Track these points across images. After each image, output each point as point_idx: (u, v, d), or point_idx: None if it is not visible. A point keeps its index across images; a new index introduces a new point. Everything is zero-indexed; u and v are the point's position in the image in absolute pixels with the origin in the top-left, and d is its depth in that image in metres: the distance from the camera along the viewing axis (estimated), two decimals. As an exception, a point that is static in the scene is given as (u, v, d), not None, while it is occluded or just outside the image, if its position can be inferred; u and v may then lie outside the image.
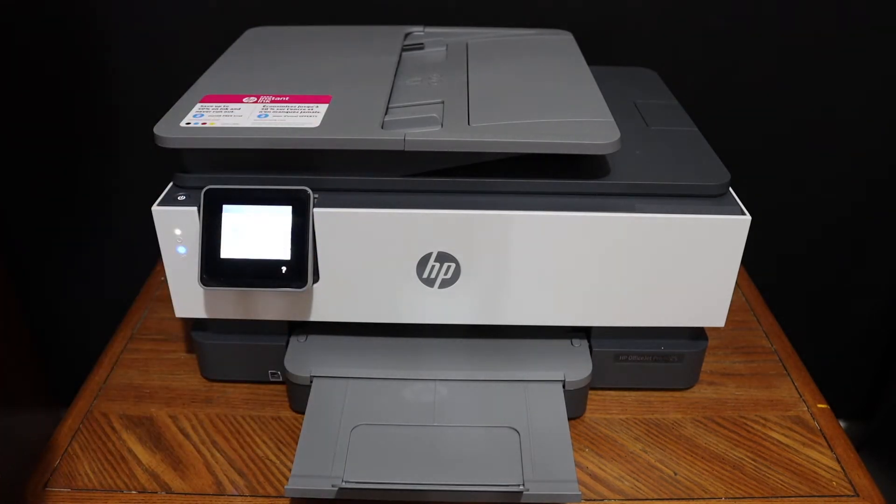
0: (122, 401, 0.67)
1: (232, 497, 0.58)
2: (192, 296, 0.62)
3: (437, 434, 0.59)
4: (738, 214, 0.58)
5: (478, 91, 0.64)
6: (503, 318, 0.62)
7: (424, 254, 0.59)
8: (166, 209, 0.58)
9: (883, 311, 1.19)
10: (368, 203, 0.57)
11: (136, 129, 1.02)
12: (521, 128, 0.57)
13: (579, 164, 0.59)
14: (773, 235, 1.09)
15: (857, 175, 1.06)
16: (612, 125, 0.57)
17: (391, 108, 0.61)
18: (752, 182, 0.96)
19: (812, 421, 0.66)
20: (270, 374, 0.68)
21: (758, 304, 0.82)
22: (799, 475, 0.61)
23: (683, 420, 0.66)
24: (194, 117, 0.58)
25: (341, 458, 0.56)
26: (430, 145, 0.56)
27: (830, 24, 0.94)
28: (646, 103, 0.73)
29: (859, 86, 0.98)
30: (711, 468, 0.62)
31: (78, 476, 0.60)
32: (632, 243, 0.58)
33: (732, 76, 0.98)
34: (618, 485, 0.60)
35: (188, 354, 0.72)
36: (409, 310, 0.62)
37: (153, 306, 0.80)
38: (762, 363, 0.73)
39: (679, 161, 0.62)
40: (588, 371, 0.63)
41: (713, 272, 0.60)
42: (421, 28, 0.80)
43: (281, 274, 0.57)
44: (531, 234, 0.58)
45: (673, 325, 0.64)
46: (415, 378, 0.63)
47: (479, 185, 0.59)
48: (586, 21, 0.93)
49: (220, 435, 0.64)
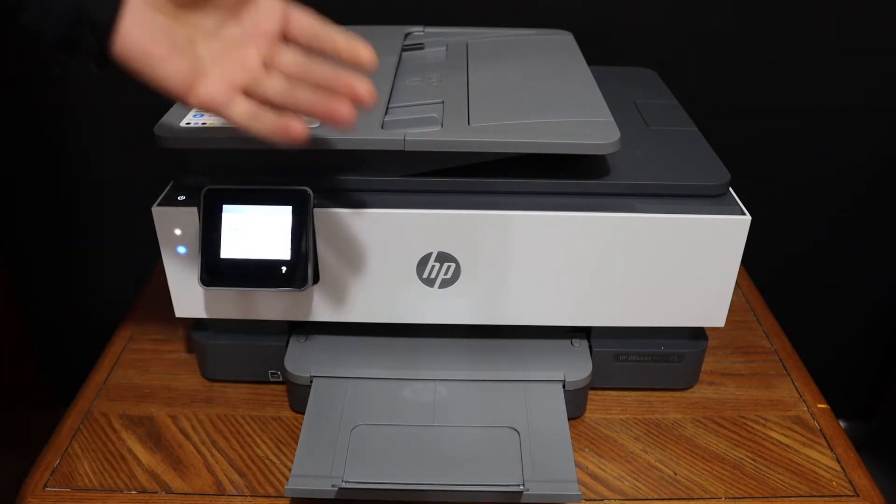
0: (122, 401, 0.67)
1: (232, 497, 0.58)
2: (192, 296, 0.62)
3: (437, 434, 0.59)
4: (738, 214, 0.58)
5: (478, 91, 0.64)
6: (503, 318, 0.62)
7: (424, 254, 0.59)
8: (166, 209, 0.58)
9: (883, 312, 1.19)
10: (368, 203, 0.57)
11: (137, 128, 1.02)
12: (521, 128, 0.57)
13: (579, 164, 0.59)
14: (773, 235, 1.09)
15: (857, 175, 1.06)
16: (612, 125, 0.57)
17: (391, 108, 0.61)
18: (752, 182, 0.96)
19: (812, 421, 0.66)
20: (270, 374, 0.68)
21: (758, 304, 0.82)
22: (799, 475, 0.61)
23: (683, 420, 0.66)
24: (194, 117, 0.58)
25: (341, 458, 0.56)
26: (430, 145, 0.56)
27: (830, 24, 0.94)
28: (646, 103, 0.73)
29: (859, 86, 0.98)
30: (711, 468, 0.62)
31: (78, 476, 0.60)
32: (632, 243, 0.58)
33: (732, 76, 0.98)
34: (618, 485, 0.60)
35: (188, 354, 0.72)
36: (409, 310, 0.62)
37: (153, 306, 0.80)
38: (762, 363, 0.73)
39: (679, 161, 0.62)
40: (588, 371, 0.63)
41: (713, 272, 0.60)
42: (421, 28, 0.80)
43: (281, 274, 0.57)
44: (531, 234, 0.58)
45: (673, 325, 0.64)
46: (415, 378, 0.63)
47: (479, 185, 0.59)
48: (586, 21, 0.93)
49: (220, 435, 0.64)
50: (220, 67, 0.47)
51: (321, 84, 0.47)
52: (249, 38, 0.48)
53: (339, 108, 0.46)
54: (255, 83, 0.47)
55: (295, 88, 0.47)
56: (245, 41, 0.48)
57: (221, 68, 0.47)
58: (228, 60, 0.47)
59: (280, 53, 0.48)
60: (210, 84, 0.46)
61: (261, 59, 0.48)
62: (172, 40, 0.45)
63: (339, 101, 0.46)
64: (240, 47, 0.48)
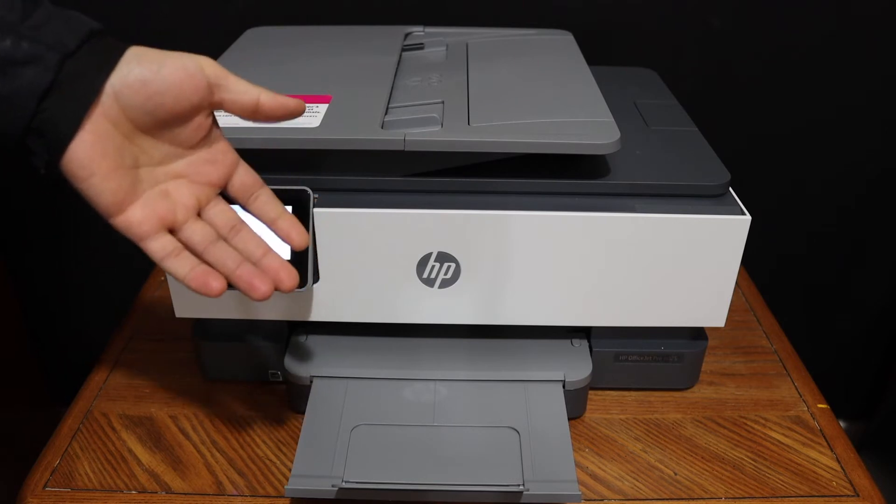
0: (122, 401, 0.67)
1: (232, 497, 0.58)
2: (192, 296, 0.62)
3: (437, 434, 0.59)
4: (738, 214, 0.58)
5: (478, 91, 0.64)
6: (503, 318, 0.62)
7: (424, 254, 0.59)
8: (166, 209, 0.57)
9: (883, 311, 1.19)
10: (368, 203, 0.57)
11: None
12: (521, 128, 0.57)
13: (579, 164, 0.59)
14: (773, 235, 1.09)
15: (857, 175, 1.06)
16: (612, 125, 0.57)
17: (391, 108, 0.61)
18: (752, 182, 0.96)
19: (812, 421, 0.66)
20: (270, 374, 0.68)
21: (758, 304, 0.82)
22: (799, 475, 0.61)
23: (683, 420, 0.66)
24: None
25: (341, 458, 0.56)
26: (430, 145, 0.56)
27: (830, 24, 0.94)
28: (646, 103, 0.73)
29: (859, 86, 0.98)
30: (711, 468, 0.62)
31: (78, 476, 0.60)
32: (632, 243, 0.58)
33: (732, 76, 0.98)
34: (618, 485, 0.60)
35: (188, 354, 0.72)
36: (409, 310, 0.62)
37: (153, 306, 0.80)
38: (762, 363, 0.73)
39: (679, 161, 0.62)
40: (588, 371, 0.63)
41: (713, 272, 0.60)
42: (421, 28, 0.80)
43: (281, 274, 0.57)
44: (531, 234, 0.58)
45: (673, 325, 0.63)
46: (415, 378, 0.63)
47: (479, 185, 0.59)
48: (586, 21, 0.93)
49: (220, 435, 0.64)
50: (154, 198, 0.46)
51: (244, 254, 0.48)
52: (192, 175, 0.47)
53: (258, 286, 0.47)
54: (182, 224, 0.47)
55: (218, 244, 0.47)
56: (186, 177, 0.47)
57: (154, 199, 0.46)
58: (163, 193, 0.46)
59: (214, 205, 0.48)
60: (139, 210, 0.45)
61: (196, 201, 0.48)
62: (120, 159, 0.44)
63: (260, 278, 0.47)
64: (178, 183, 0.47)
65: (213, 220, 0.48)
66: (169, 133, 0.46)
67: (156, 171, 0.46)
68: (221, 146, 0.49)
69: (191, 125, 0.46)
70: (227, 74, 0.46)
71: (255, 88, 0.46)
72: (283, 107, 0.47)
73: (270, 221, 0.49)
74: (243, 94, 0.46)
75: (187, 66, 0.44)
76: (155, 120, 0.44)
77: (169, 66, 0.43)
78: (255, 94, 0.46)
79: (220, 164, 0.48)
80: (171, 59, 0.44)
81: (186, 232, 0.47)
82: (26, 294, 1.18)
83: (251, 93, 0.46)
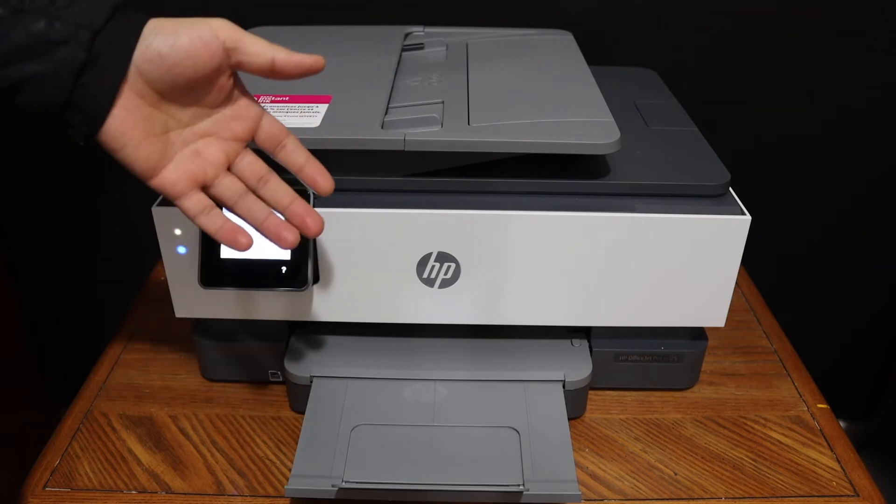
0: (122, 401, 0.67)
1: (232, 497, 0.58)
2: (192, 296, 0.62)
3: (437, 434, 0.59)
4: (738, 214, 0.58)
5: (478, 91, 0.64)
6: (503, 318, 0.62)
7: (424, 254, 0.59)
8: (166, 209, 0.58)
9: (883, 311, 1.19)
10: (368, 203, 0.57)
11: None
12: (521, 128, 0.57)
13: (579, 164, 0.59)
14: (773, 235, 1.09)
15: (857, 175, 1.06)
16: (612, 125, 0.57)
17: (391, 108, 0.61)
18: (752, 182, 0.96)
19: (812, 421, 0.66)
20: (270, 374, 0.68)
21: (758, 304, 0.82)
22: (799, 475, 0.61)
23: (683, 420, 0.66)
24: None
25: (341, 458, 0.56)
26: (430, 145, 0.56)
27: (830, 24, 0.94)
28: (646, 103, 0.73)
29: (859, 86, 0.98)
30: (711, 468, 0.62)
31: (78, 476, 0.60)
32: (632, 243, 0.58)
33: (732, 76, 0.98)
34: (618, 485, 0.60)
35: (188, 354, 0.72)
36: (409, 310, 0.62)
37: (153, 306, 0.80)
38: (762, 363, 0.73)
39: (679, 161, 0.62)
40: (588, 371, 0.63)
41: (713, 272, 0.60)
42: (421, 28, 0.80)
43: (281, 274, 0.57)
44: (531, 234, 0.58)
45: (673, 325, 0.64)
46: (415, 378, 0.63)
47: (479, 185, 0.59)
48: (586, 21, 0.93)
49: (220, 435, 0.64)
50: (185, 158, 0.48)
51: (272, 203, 0.50)
52: (219, 133, 0.49)
53: (286, 236, 0.50)
54: (213, 180, 0.49)
55: (247, 196, 0.50)
56: (214, 135, 0.49)
57: (186, 159, 0.48)
58: (194, 153, 0.49)
59: (242, 158, 0.50)
60: (172, 171, 0.48)
61: (225, 157, 0.50)
62: (149, 127, 0.47)
63: (287, 229, 0.50)
64: (207, 141, 0.49)
65: (243, 172, 0.51)
66: (193, 97, 0.48)
67: (185, 133, 0.49)
68: (244, 101, 0.50)
69: (213, 87, 0.48)
70: (241, 36, 0.47)
71: (271, 48, 0.47)
72: (299, 65, 0.48)
73: (298, 168, 0.51)
74: (259, 55, 0.47)
75: (203, 35, 0.45)
76: (177, 88, 0.46)
77: (184, 37, 0.45)
78: (269, 55, 0.47)
79: (244, 119, 0.50)
80: (186, 28, 0.45)
81: (218, 188, 0.50)
82: (26, 294, 1.18)
83: (266, 53, 0.47)
